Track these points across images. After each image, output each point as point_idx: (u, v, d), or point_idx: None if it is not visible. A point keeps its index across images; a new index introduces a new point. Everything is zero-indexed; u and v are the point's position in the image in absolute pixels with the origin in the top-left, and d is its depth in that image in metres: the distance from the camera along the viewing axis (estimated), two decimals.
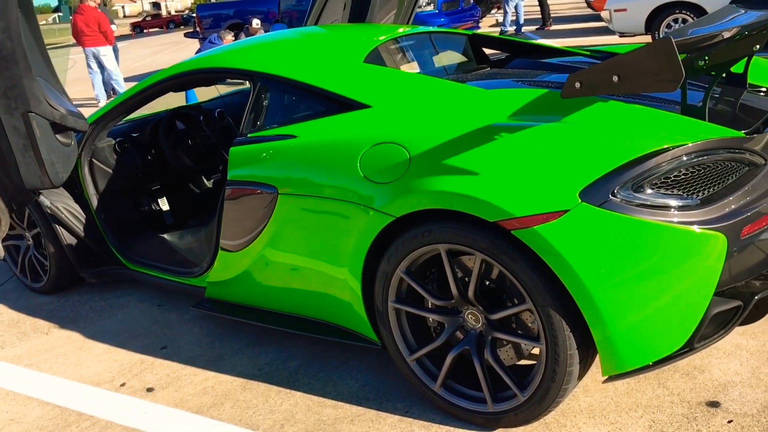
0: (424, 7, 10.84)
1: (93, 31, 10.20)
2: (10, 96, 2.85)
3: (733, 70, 2.67)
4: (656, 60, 1.71)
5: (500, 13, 15.42)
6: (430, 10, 10.89)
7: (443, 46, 3.51)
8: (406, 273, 2.28)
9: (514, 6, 13.06)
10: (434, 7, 10.87)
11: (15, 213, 3.74)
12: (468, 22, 11.81)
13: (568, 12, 16.64)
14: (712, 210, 1.95)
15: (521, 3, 13.23)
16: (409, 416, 2.40)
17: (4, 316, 3.67)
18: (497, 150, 2.07)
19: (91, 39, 10.31)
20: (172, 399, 2.70)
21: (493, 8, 16.51)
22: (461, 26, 11.54)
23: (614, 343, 1.95)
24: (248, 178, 2.63)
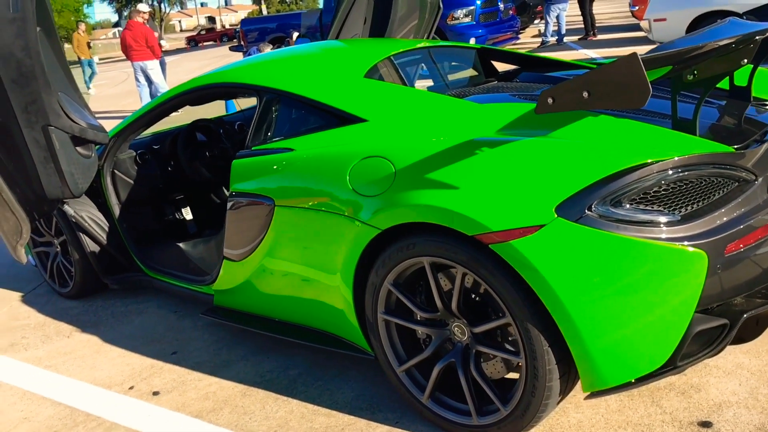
0: (461, 18, 10.85)
1: (141, 46, 10.55)
2: (30, 111, 2.99)
3: (737, 82, 2.63)
4: (623, 76, 1.70)
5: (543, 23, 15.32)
6: (468, 22, 10.88)
7: (451, 60, 3.54)
8: (393, 285, 2.31)
9: (555, 16, 12.95)
10: (472, 19, 10.85)
11: (38, 221, 3.90)
12: (507, 33, 11.76)
13: (614, 21, 16.39)
14: (694, 226, 1.93)
15: (563, 13, 13.10)
16: (399, 427, 2.42)
17: (32, 319, 3.84)
18: (478, 164, 2.08)
19: (138, 53, 10.67)
20: (175, 403, 2.78)
21: (536, 18, 16.39)
22: (499, 37, 11.52)
23: (592, 359, 1.94)
24: (248, 190, 2.71)
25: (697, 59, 1.99)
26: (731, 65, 2.08)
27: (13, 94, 2.95)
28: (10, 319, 3.89)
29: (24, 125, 3.03)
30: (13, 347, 3.52)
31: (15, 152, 3.09)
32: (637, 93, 1.69)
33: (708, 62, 2.08)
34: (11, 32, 2.85)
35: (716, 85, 2.14)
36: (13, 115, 2.99)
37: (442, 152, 2.18)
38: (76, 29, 18.35)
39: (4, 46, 2.86)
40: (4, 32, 2.84)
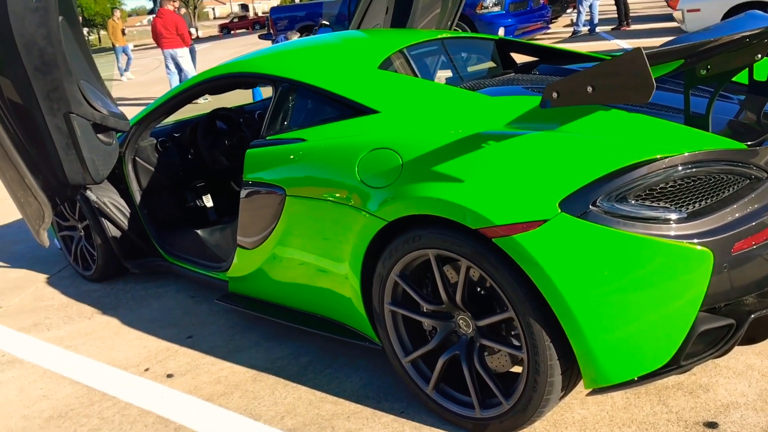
0: (490, 8, 10.74)
1: (171, 34, 10.67)
2: (52, 98, 3.06)
3: (756, 77, 2.59)
4: (627, 71, 1.69)
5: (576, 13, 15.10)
6: (497, 11, 10.78)
7: (469, 51, 3.52)
8: (399, 276, 2.33)
9: (588, 5, 12.74)
10: (501, 8, 10.74)
11: (62, 206, 3.99)
12: (537, 23, 11.62)
13: (650, 11, 16.10)
14: (700, 224, 1.91)
15: (596, 2, 12.89)
16: (404, 417, 2.44)
17: (56, 301, 3.94)
18: (484, 158, 2.08)
19: (169, 41, 10.79)
20: (188, 386, 2.84)
21: (569, 7, 16.16)
22: (529, 27, 11.39)
23: (594, 355, 1.94)
24: (261, 179, 2.74)
25: (708, 53, 1.96)
26: (746, 60, 2.05)
27: (36, 82, 3.01)
28: (34, 300, 3.99)
29: (46, 112, 3.09)
30: (36, 327, 3.62)
31: (38, 139, 3.17)
32: (640, 89, 1.67)
33: (722, 57, 2.05)
34: (34, 21, 2.91)
35: (730, 80, 2.11)
36: (36, 103, 3.06)
37: (449, 145, 2.19)
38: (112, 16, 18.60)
39: (27, 34, 2.92)
40: (27, 21, 2.90)
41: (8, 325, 3.69)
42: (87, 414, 2.73)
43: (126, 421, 2.65)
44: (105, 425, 2.64)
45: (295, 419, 2.52)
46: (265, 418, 2.55)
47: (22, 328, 3.63)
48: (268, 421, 2.53)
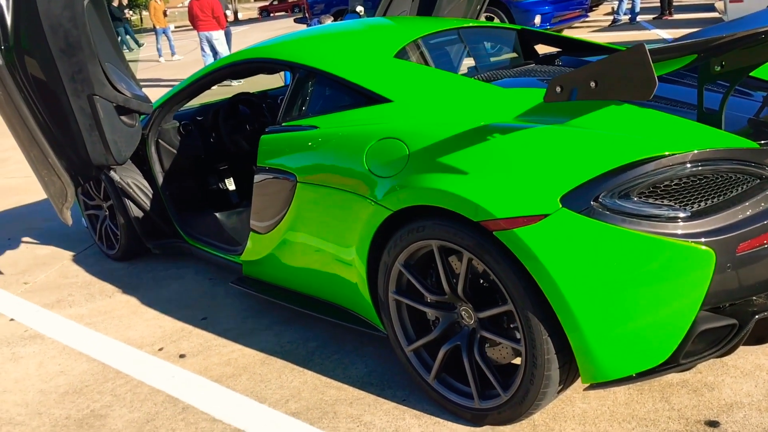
0: None
1: (207, 17, 10.77)
2: (76, 80, 3.13)
3: None
4: (630, 68, 1.66)
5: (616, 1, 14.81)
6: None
7: (490, 41, 3.49)
8: (404, 266, 2.34)
9: None
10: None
11: (89, 186, 4.08)
12: (575, 11, 11.43)
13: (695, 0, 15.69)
14: (704, 223, 1.88)
15: None
16: (405, 404, 2.47)
17: (79, 278, 4.04)
18: (488, 150, 2.07)
19: (204, 24, 10.90)
20: (199, 366, 2.90)
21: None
22: (567, 15, 11.22)
23: (591, 351, 1.93)
24: (273, 165, 2.77)
25: (720, 49, 1.92)
26: (761, 57, 2.00)
27: (61, 63, 3.09)
28: (60, 277, 4.10)
29: (71, 93, 3.17)
30: (59, 303, 3.73)
31: (63, 119, 3.25)
32: (643, 85, 1.65)
33: (736, 53, 2.00)
34: (60, 3, 2.98)
35: (746, 77, 2.06)
36: (61, 84, 3.14)
37: (455, 137, 2.18)
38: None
39: (53, 16, 2.99)
40: (53, 3, 2.97)
41: (33, 300, 3.80)
42: (100, 391, 2.81)
43: (137, 399, 2.72)
44: (117, 402, 2.72)
45: (299, 403, 2.56)
46: (271, 401, 2.60)
47: (46, 304, 3.74)
48: (273, 404, 2.57)
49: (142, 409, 2.64)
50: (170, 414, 2.59)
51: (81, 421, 2.61)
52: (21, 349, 3.25)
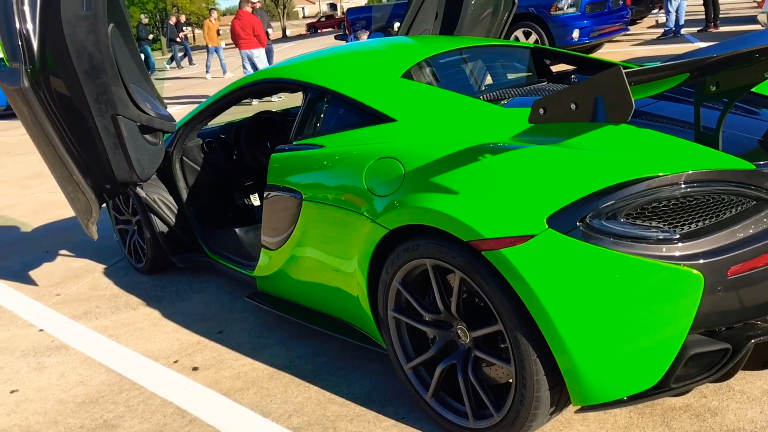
0: (566, 9, 10.51)
1: (248, 35, 11.03)
2: (101, 101, 3.26)
3: None
4: (607, 90, 1.66)
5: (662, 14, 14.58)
6: (573, 12, 10.53)
7: (504, 59, 3.50)
8: (401, 284, 2.36)
9: (676, 6, 12.27)
10: (577, 9, 10.49)
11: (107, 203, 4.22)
12: (615, 24, 11.28)
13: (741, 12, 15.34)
14: (693, 245, 1.85)
15: (684, 2, 12.40)
16: (404, 422, 2.48)
17: (108, 291, 4.18)
18: (479, 170, 2.09)
19: (246, 42, 11.17)
20: (210, 379, 2.97)
21: (655, 8, 15.59)
22: (607, 29, 11.09)
23: (579, 373, 1.92)
24: (281, 183, 2.84)
25: (710, 69, 1.90)
26: (755, 77, 1.96)
27: (86, 85, 3.22)
28: (90, 289, 4.25)
29: (96, 114, 3.30)
30: (86, 315, 3.86)
31: (89, 138, 3.38)
32: (619, 108, 1.65)
33: (731, 73, 1.98)
34: (84, 28, 3.12)
35: (741, 96, 2.03)
36: (87, 105, 3.28)
37: (448, 157, 2.20)
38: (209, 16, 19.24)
39: (78, 40, 3.13)
40: (78, 28, 3.11)
41: (63, 312, 3.95)
42: (115, 401, 2.90)
43: (148, 410, 2.80)
44: (129, 413, 2.80)
45: (301, 418, 2.59)
46: (274, 415, 2.64)
47: (74, 315, 3.87)
48: (276, 419, 2.61)
49: (152, 420, 2.72)
50: (178, 426, 2.66)
51: (94, 431, 2.70)
52: (46, 359, 3.38)
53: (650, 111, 2.47)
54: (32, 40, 3.01)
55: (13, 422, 2.85)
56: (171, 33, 22.25)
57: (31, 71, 3.03)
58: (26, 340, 3.63)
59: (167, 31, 22.58)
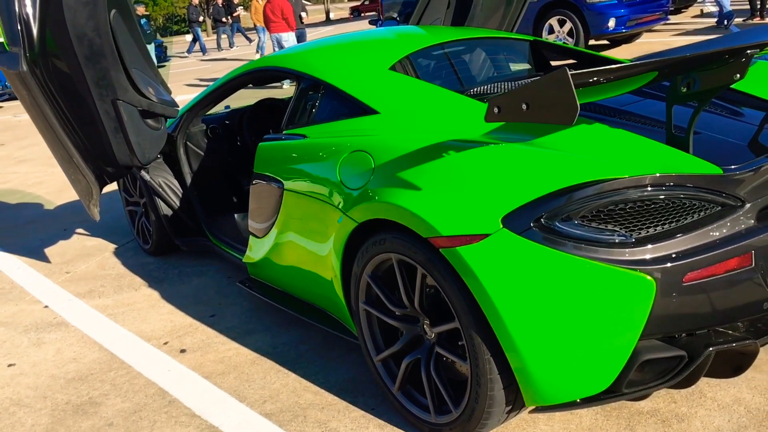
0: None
1: (277, 18, 11.09)
2: (101, 85, 3.33)
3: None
4: (553, 91, 1.63)
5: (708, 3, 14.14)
6: (608, 1, 10.29)
7: (501, 52, 3.45)
8: (371, 277, 2.37)
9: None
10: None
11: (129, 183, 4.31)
12: (654, 14, 10.96)
13: None
14: (647, 250, 1.82)
15: None
16: (373, 413, 2.50)
17: (114, 270, 4.29)
18: (442, 167, 2.08)
19: (276, 25, 11.23)
20: (195, 362, 3.03)
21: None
22: (645, 18, 10.79)
23: (530, 374, 1.91)
24: (265, 171, 2.86)
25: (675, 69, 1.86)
26: (725, 79, 1.91)
27: (87, 70, 3.29)
28: (98, 268, 4.36)
29: (96, 98, 3.37)
30: (90, 293, 3.97)
31: (91, 121, 3.46)
32: (564, 110, 1.62)
33: (700, 74, 1.93)
34: (84, 14, 3.18)
35: (711, 98, 1.98)
36: (88, 89, 3.35)
37: (416, 152, 2.20)
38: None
39: (78, 26, 3.19)
40: (78, 13, 3.18)
41: (69, 289, 4.06)
42: (102, 379, 2.99)
43: (131, 389, 2.88)
44: (114, 391, 2.88)
45: (274, 404, 2.64)
46: (250, 400, 2.69)
47: (79, 293, 3.99)
48: (250, 404, 2.66)
49: (133, 400, 2.80)
50: (157, 406, 2.73)
51: (78, 407, 2.79)
52: (46, 335, 3.49)
53: (632, 110, 2.42)
54: (32, 24, 3.08)
55: (6, 395, 2.96)
56: (217, 13, 22.34)
57: (30, 55, 3.10)
58: (31, 316, 3.75)
59: (213, 12, 22.69)
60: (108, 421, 2.67)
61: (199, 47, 22.05)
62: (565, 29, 11.00)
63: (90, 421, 2.68)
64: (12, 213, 6.02)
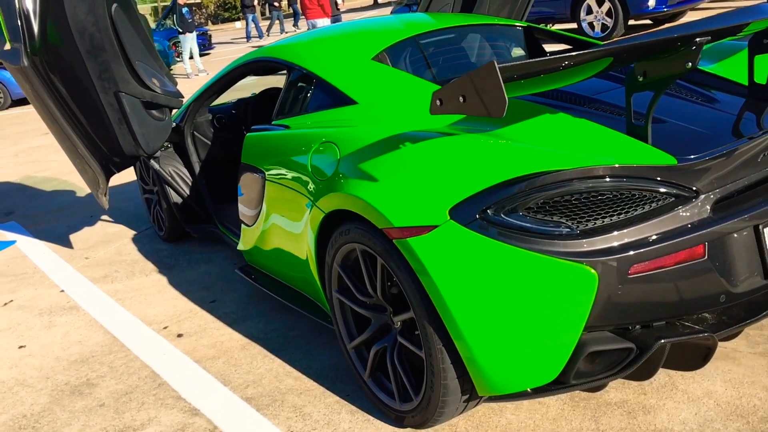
0: None
1: (313, 5, 11.16)
2: (103, 78, 3.44)
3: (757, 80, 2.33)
4: (483, 84, 1.63)
5: None
6: None
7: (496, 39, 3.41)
8: (341, 266, 2.41)
9: None
10: None
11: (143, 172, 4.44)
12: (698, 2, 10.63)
13: None
14: (590, 242, 1.81)
15: None
16: (348, 400, 2.55)
17: (131, 256, 4.44)
18: (398, 159, 2.10)
19: (311, 12, 11.32)
20: (188, 346, 3.13)
21: None
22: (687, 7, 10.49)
23: (478, 363, 1.93)
24: (250, 162, 2.93)
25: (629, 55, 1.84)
26: (678, 67, 1.87)
27: (89, 63, 3.41)
28: (115, 254, 4.52)
29: (100, 90, 3.49)
30: (105, 279, 4.12)
31: (96, 114, 3.58)
32: (493, 104, 1.62)
33: (653, 63, 1.89)
34: (84, 8, 3.29)
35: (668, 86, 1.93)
36: (91, 82, 3.46)
37: (376, 143, 2.22)
38: None
39: (78, 21, 3.30)
40: (78, 8, 3.29)
41: (85, 274, 4.23)
42: (102, 362, 3.12)
43: (127, 372, 3.00)
44: (110, 373, 3.01)
45: (256, 389, 2.71)
46: (233, 384, 2.77)
47: (94, 278, 4.15)
48: (234, 388, 2.74)
49: (127, 382, 2.92)
50: (147, 388, 2.84)
51: (75, 389, 2.92)
52: (57, 319, 3.65)
53: (604, 99, 2.38)
54: (32, 19, 3.20)
55: (12, 375, 3.12)
56: None
57: (31, 50, 3.23)
58: (47, 300, 3.92)
59: None
60: (100, 402, 2.79)
61: (257, 32, 22.28)
62: (604, 9, 10.76)
63: (84, 402, 2.81)
64: (46, 200, 6.27)
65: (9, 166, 8.13)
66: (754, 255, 1.95)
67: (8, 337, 3.51)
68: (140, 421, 2.62)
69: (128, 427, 2.60)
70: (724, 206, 1.93)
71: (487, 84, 1.62)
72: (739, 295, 1.95)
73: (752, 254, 1.95)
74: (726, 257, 1.90)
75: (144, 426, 2.59)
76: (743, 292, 1.95)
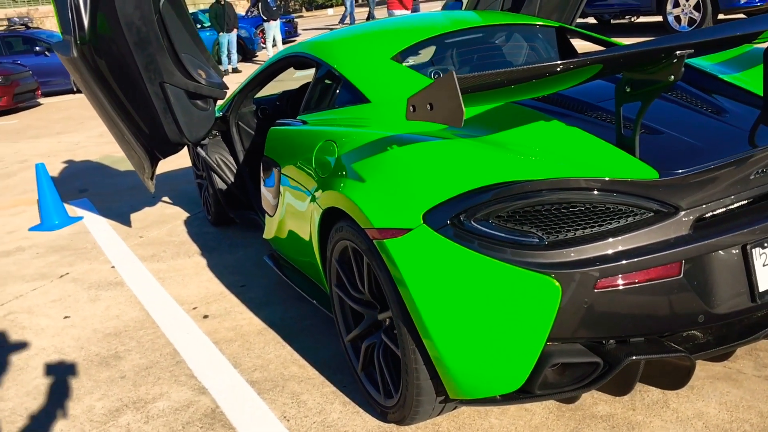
0: None
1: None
2: (149, 69, 3.63)
3: None
4: (442, 94, 1.65)
5: None
6: None
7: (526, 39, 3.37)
8: (338, 262, 2.48)
9: None
10: None
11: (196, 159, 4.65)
12: None
13: None
14: (556, 254, 1.80)
15: None
16: (343, 391, 2.63)
17: (180, 237, 4.66)
18: (383, 160, 2.14)
19: (392, 3, 11.48)
20: (211, 328, 3.29)
21: None
22: None
23: (446, 367, 1.95)
24: (270, 155, 3.03)
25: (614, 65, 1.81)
26: (662, 79, 1.81)
27: (137, 55, 3.60)
28: (167, 235, 4.76)
29: (146, 81, 3.68)
30: (152, 257, 4.36)
31: (144, 103, 3.78)
32: (451, 113, 1.63)
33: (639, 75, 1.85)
34: (132, 4, 3.48)
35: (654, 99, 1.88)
36: (139, 73, 3.66)
37: (369, 144, 2.27)
38: None
39: (126, 15, 3.50)
40: (126, 4, 3.48)
41: (136, 252, 4.48)
42: (131, 336, 3.32)
43: (152, 348, 3.18)
44: (137, 348, 3.20)
45: (262, 374, 2.83)
46: (243, 367, 2.90)
47: (143, 257, 4.39)
48: (242, 371, 2.87)
49: (149, 357, 3.10)
50: (166, 365, 3.01)
51: (103, 360, 3.13)
52: (103, 293, 3.90)
53: (606, 107, 2.32)
54: (82, 13, 3.41)
55: (52, 343, 3.37)
56: None
57: (81, 42, 3.44)
58: (98, 275, 4.19)
59: None
60: (122, 374, 2.98)
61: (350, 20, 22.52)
62: (692, 3, 10.30)
63: (108, 372, 3.01)
64: (118, 180, 6.64)
65: (92, 146, 8.63)
66: (741, 276, 1.88)
67: (57, 308, 3.78)
68: (153, 395, 2.78)
69: (141, 399, 2.77)
70: (708, 224, 1.87)
71: (445, 93, 1.63)
72: (722, 316, 1.88)
73: (738, 275, 1.88)
74: (706, 277, 1.84)
75: (155, 399, 2.75)
76: (726, 314, 1.88)
